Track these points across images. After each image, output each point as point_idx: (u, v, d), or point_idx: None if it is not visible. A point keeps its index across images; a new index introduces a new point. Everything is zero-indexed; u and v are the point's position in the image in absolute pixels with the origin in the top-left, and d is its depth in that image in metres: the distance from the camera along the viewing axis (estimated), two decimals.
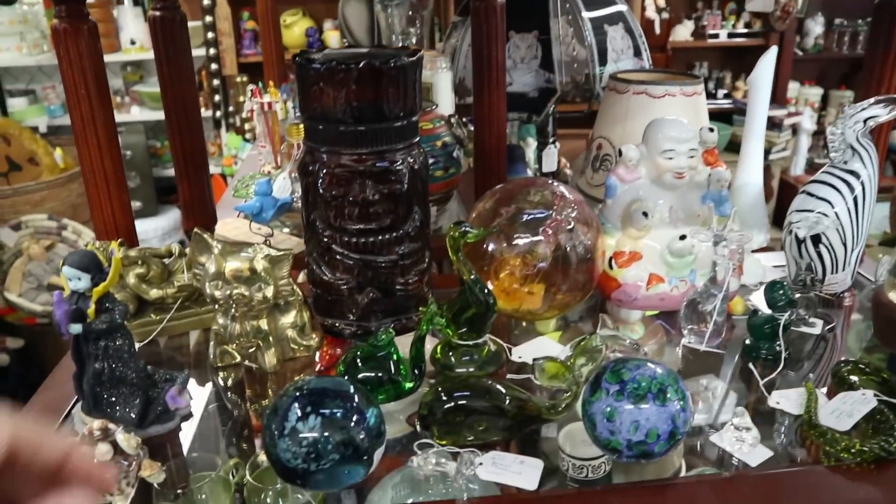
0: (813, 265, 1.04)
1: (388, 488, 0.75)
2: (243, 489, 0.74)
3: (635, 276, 1.00)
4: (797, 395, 0.86)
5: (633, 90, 1.30)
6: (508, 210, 0.94)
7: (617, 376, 0.71)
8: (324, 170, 0.88)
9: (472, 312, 0.87)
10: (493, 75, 1.13)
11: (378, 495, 0.74)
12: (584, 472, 0.75)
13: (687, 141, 1.00)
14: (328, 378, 0.73)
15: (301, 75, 0.85)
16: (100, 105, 1.00)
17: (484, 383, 0.78)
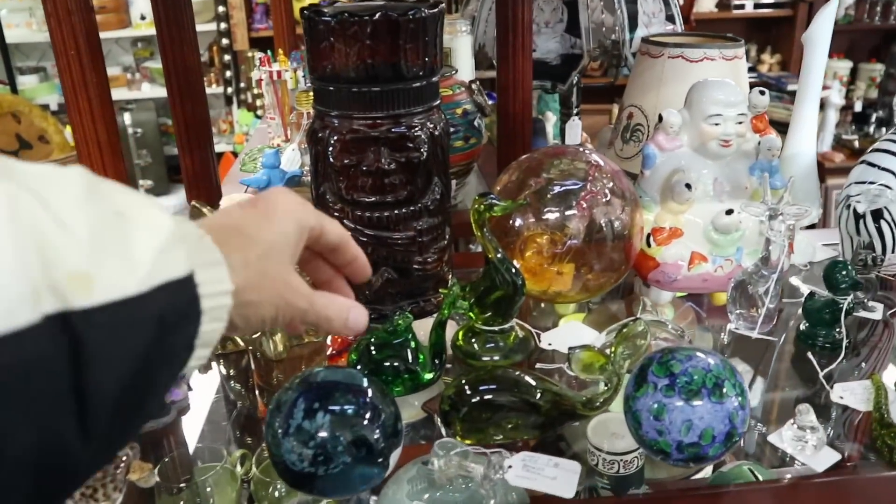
0: (873, 243, 0.94)
1: (403, 482, 0.68)
2: (250, 482, 0.69)
3: (676, 254, 0.91)
4: (863, 388, 0.77)
5: (668, 54, 1.21)
6: (538, 181, 0.85)
7: (666, 368, 0.63)
8: (334, 136, 0.79)
9: (498, 295, 0.78)
10: (518, 36, 1.04)
11: (392, 489, 0.67)
12: (616, 468, 0.67)
13: (735, 105, 0.90)
14: (338, 369, 0.65)
15: (310, 31, 0.77)
16: (92, 67, 0.92)
17: (513, 375, 0.69)
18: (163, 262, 0.37)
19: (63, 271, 0.33)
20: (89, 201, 0.36)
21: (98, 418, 0.34)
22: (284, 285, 0.47)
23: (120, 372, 0.35)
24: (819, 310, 0.84)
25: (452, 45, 1.34)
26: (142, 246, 0.37)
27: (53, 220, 0.34)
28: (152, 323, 0.36)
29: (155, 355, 0.37)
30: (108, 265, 0.35)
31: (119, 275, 0.35)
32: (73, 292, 0.33)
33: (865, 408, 0.74)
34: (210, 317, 0.40)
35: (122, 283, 0.35)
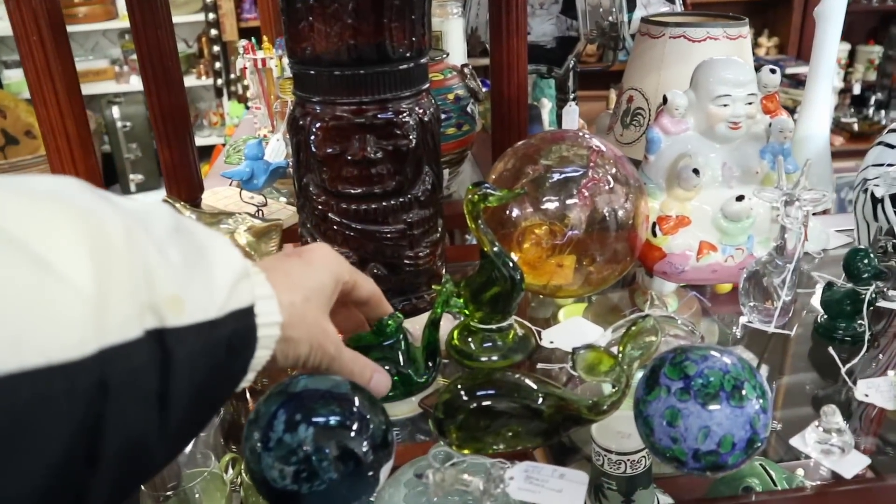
0: (893, 228, 0.89)
1: (400, 485, 0.63)
2: (240, 487, 0.67)
3: (683, 244, 0.86)
4: (888, 385, 0.71)
5: (669, 34, 1.15)
6: (536, 168, 0.80)
7: (679, 370, 0.57)
8: (316, 124, 0.73)
9: (494, 291, 0.73)
10: (512, 16, 0.98)
11: (389, 493, 0.62)
12: (623, 468, 0.62)
13: (745, 85, 0.84)
14: (322, 377, 0.59)
15: (287, 10, 0.71)
16: (57, 55, 0.86)
17: (512, 378, 0.64)
18: (235, 293, 0.44)
19: (162, 294, 0.38)
20: (178, 234, 0.42)
21: (174, 421, 0.39)
22: (321, 330, 0.53)
23: (196, 384, 0.41)
24: (839, 301, 0.79)
25: (443, 28, 1.28)
26: (220, 277, 0.43)
27: (156, 248, 0.39)
28: (224, 345, 0.42)
29: (222, 373, 0.44)
30: (196, 291, 0.41)
31: (204, 300, 0.41)
32: (169, 313, 0.38)
33: (893, 406, 0.69)
34: (262, 344, 0.46)
35: (206, 307, 0.41)
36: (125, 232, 0.37)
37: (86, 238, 0.35)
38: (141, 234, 0.38)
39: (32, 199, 0.35)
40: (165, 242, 0.40)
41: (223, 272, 0.43)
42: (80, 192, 0.38)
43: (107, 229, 0.36)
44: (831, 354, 0.76)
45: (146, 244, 0.38)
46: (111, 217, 0.37)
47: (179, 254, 0.41)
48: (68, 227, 0.35)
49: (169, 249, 0.40)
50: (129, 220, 0.38)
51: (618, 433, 0.63)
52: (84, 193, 0.38)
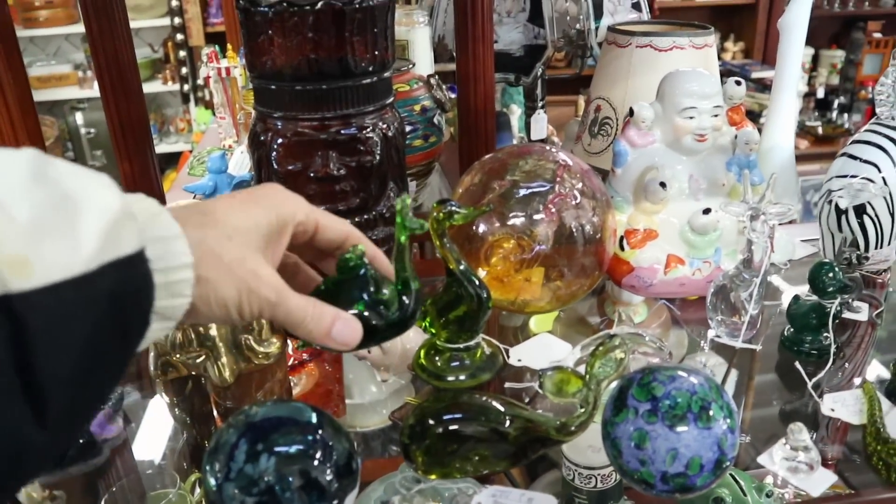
0: (856, 239, 0.89)
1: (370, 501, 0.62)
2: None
3: (651, 257, 0.86)
4: (854, 398, 0.72)
5: (635, 43, 1.15)
6: (502, 184, 0.79)
7: (647, 391, 0.57)
8: (278, 139, 0.72)
9: (461, 309, 0.72)
10: (477, 24, 0.97)
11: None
12: (593, 482, 0.63)
13: (710, 97, 0.84)
14: (283, 404, 0.57)
15: (246, 23, 0.69)
16: (8, 66, 0.83)
17: (479, 401, 0.63)
18: (110, 241, 0.38)
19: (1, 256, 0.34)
20: (35, 185, 0.37)
21: (52, 399, 0.35)
22: (248, 272, 0.46)
23: (69, 349, 0.36)
24: (805, 314, 0.79)
25: (410, 37, 1.27)
26: (88, 227, 0.37)
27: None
28: (103, 300, 0.37)
29: (107, 331, 0.38)
30: (48, 248, 0.36)
31: (61, 256, 0.36)
32: (12, 276, 0.34)
33: (859, 421, 0.69)
34: (168, 291, 0.41)
35: (65, 264, 0.36)
36: None
37: None
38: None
39: None
40: (13, 197, 0.35)
41: (92, 221, 0.38)
42: None
43: None
44: (798, 368, 0.77)
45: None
46: None
47: (31, 208, 0.36)
48: None
49: (16, 205, 0.35)
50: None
51: (588, 447, 0.63)
52: None
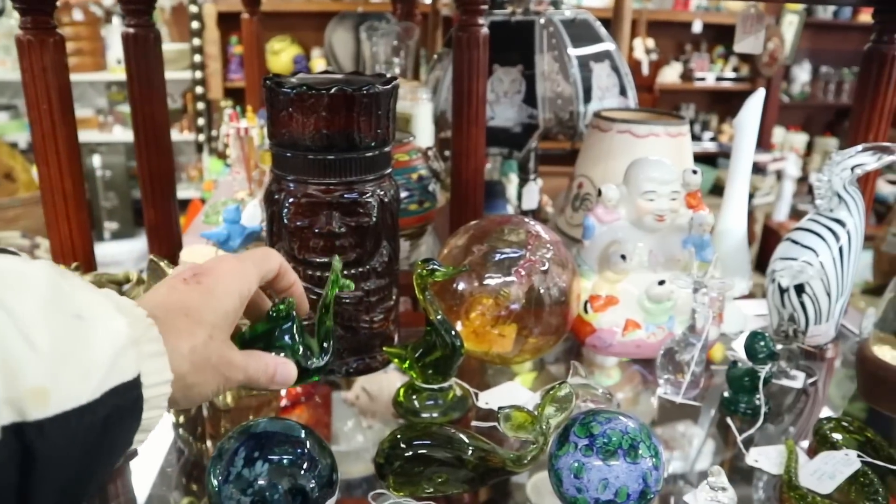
0: (796, 315, 1.00)
1: None
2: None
3: (611, 321, 0.97)
4: (777, 452, 0.82)
5: (616, 129, 1.28)
6: (481, 248, 0.91)
7: (586, 429, 0.67)
8: (290, 199, 0.84)
9: (437, 355, 0.83)
10: (472, 108, 1.10)
11: None
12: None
13: (669, 182, 0.97)
14: (279, 421, 0.68)
15: (270, 99, 0.82)
16: (62, 122, 0.96)
17: (446, 431, 0.73)
18: (115, 369, 0.40)
19: (24, 386, 0.35)
20: (52, 306, 0.38)
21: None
22: (226, 364, 0.51)
23: (63, 474, 0.38)
24: (740, 378, 0.89)
25: (413, 112, 1.40)
26: (98, 354, 0.39)
27: (19, 333, 0.36)
28: (99, 425, 0.39)
29: (97, 452, 0.40)
30: (64, 378, 0.37)
31: (74, 386, 0.38)
32: (31, 406, 0.35)
33: (777, 471, 0.79)
34: (150, 405, 0.43)
35: (76, 393, 0.38)
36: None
37: None
38: (4, 320, 0.36)
39: None
40: (35, 322, 0.37)
41: (102, 347, 0.40)
42: None
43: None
44: (729, 424, 0.87)
45: (9, 331, 0.36)
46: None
47: (50, 335, 0.37)
48: None
49: (37, 332, 0.37)
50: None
51: (549, 493, 0.71)
52: None
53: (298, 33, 3.99)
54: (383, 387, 0.97)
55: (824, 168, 0.98)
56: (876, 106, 1.07)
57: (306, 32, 3.96)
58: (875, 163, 0.95)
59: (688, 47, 4.52)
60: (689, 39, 4.50)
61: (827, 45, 4.67)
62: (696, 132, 4.50)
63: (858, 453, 0.78)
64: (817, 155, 4.69)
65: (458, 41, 1.09)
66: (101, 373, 0.39)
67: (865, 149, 0.96)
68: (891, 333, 0.92)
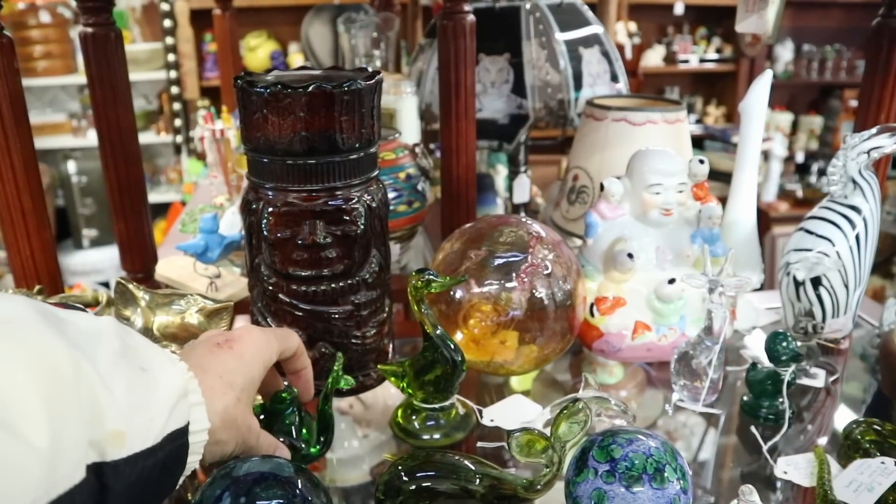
0: (813, 310, 0.94)
1: None
2: None
3: (619, 324, 0.90)
4: (806, 461, 0.76)
5: (611, 117, 1.21)
6: (478, 253, 0.84)
7: (606, 453, 0.61)
8: (269, 208, 0.77)
9: (436, 372, 0.76)
10: (461, 100, 1.03)
11: None
12: None
13: (675, 174, 0.90)
14: (265, 460, 0.61)
15: (243, 100, 0.74)
16: (16, 132, 0.88)
17: (451, 459, 0.66)
18: (172, 416, 0.46)
19: (106, 429, 0.40)
20: (123, 359, 0.44)
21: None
22: (247, 429, 0.58)
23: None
24: (762, 381, 0.83)
25: (397, 107, 1.33)
26: (160, 403, 0.45)
27: (102, 382, 0.40)
28: (158, 468, 0.45)
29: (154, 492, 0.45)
30: (137, 423, 0.42)
31: (144, 430, 0.43)
32: (110, 448, 0.40)
33: (809, 483, 0.73)
34: (193, 450, 0.50)
35: (145, 437, 0.43)
36: (74, 369, 0.39)
37: (40, 383, 0.36)
38: (88, 369, 0.40)
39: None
40: (111, 372, 0.41)
41: (164, 395, 0.46)
42: (33, 322, 0.39)
43: (59, 369, 0.38)
44: (754, 432, 0.81)
45: (93, 379, 0.40)
46: (61, 353, 0.38)
47: (124, 384, 0.42)
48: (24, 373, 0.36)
49: (114, 380, 0.41)
50: (76, 355, 0.39)
51: None
52: (36, 322, 0.39)
53: (275, 28, 3.89)
54: (378, 395, 0.92)
55: (838, 153, 0.92)
56: (887, 84, 1.01)
57: (283, 27, 3.86)
58: (892, 145, 0.89)
59: (670, 29, 4.46)
60: (672, 21, 4.44)
61: (809, 23, 4.63)
62: None
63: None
64: (802, 134, 4.66)
65: (443, 30, 1.02)
66: (163, 419, 0.45)
67: (881, 130, 0.90)
68: None
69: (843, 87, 4.48)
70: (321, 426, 0.72)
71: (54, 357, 0.38)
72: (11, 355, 0.36)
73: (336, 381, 0.71)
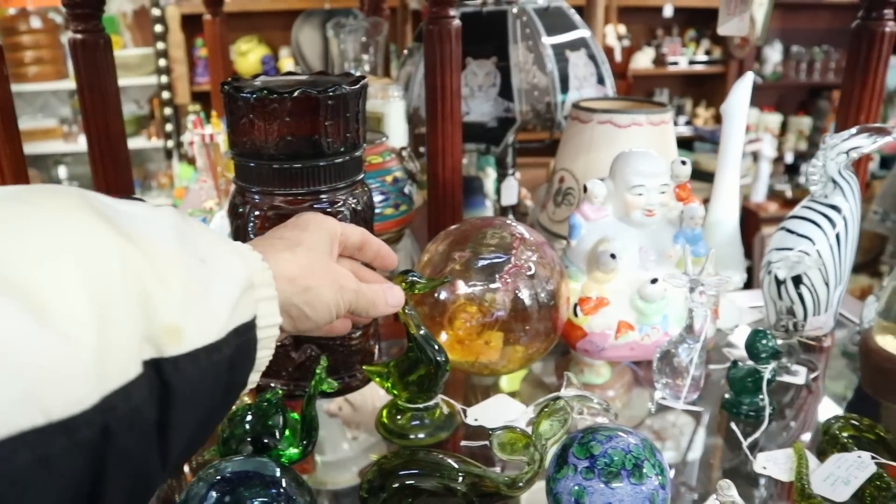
0: (794, 308, 0.96)
1: None
2: None
3: (603, 323, 0.91)
4: (785, 457, 0.77)
5: (597, 119, 1.23)
6: (463, 255, 0.85)
7: (586, 450, 0.62)
8: (255, 212, 0.78)
9: (420, 372, 0.77)
10: (446, 104, 1.04)
11: None
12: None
13: (658, 175, 0.92)
14: (250, 459, 0.62)
15: (229, 105, 0.75)
16: (4, 137, 0.89)
17: (434, 458, 0.68)
18: (236, 310, 0.44)
19: (160, 323, 0.38)
20: (180, 249, 0.41)
21: (175, 449, 0.39)
22: (334, 272, 0.57)
23: (197, 410, 0.41)
24: (742, 378, 0.84)
25: (385, 111, 1.34)
26: (222, 297, 0.43)
27: (154, 273, 0.38)
28: (224, 365, 0.42)
29: (223, 390, 0.43)
30: (195, 317, 0.40)
31: (203, 325, 0.41)
32: (167, 343, 0.38)
33: (788, 478, 0.74)
34: (263, 345, 0.47)
35: (205, 332, 0.41)
36: (122, 260, 0.36)
37: (84, 275, 0.34)
38: (139, 262, 0.37)
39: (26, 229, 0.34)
40: (166, 263, 0.39)
41: (226, 290, 0.43)
42: (78, 210, 0.37)
43: (106, 260, 0.36)
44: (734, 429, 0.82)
45: (145, 272, 0.37)
46: (109, 243, 0.37)
47: (180, 275, 0.40)
48: (66, 264, 0.34)
49: (169, 272, 0.39)
50: (126, 246, 0.37)
51: None
52: (82, 211, 0.37)
53: (266, 33, 3.90)
54: (366, 396, 0.93)
55: (818, 153, 0.94)
56: (867, 85, 1.03)
57: (274, 32, 3.88)
58: (871, 145, 0.91)
59: (659, 32, 4.49)
60: (661, 24, 4.47)
61: (797, 25, 4.66)
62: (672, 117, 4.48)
63: (872, 455, 0.74)
64: (791, 135, 4.69)
65: (428, 35, 1.03)
66: (225, 314, 0.43)
67: (860, 131, 0.92)
68: (895, 322, 0.88)
69: (832, 87, 4.51)
70: (305, 428, 0.73)
71: (100, 247, 0.36)
72: (56, 248, 0.34)
73: (319, 383, 0.72)
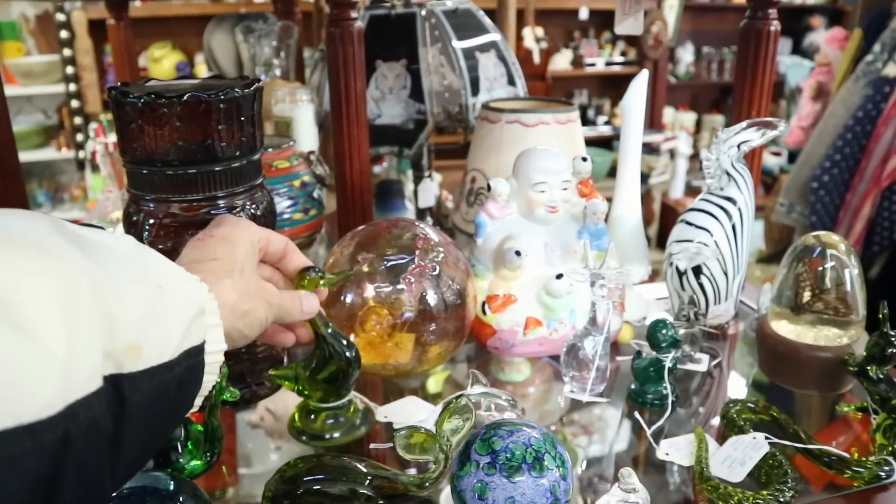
0: (695, 298, 0.99)
1: None
2: None
3: (511, 320, 0.92)
4: (687, 442, 0.79)
5: (505, 119, 1.24)
6: (367, 256, 0.85)
7: (487, 445, 0.62)
8: (150, 220, 0.76)
9: (332, 368, 0.76)
10: (351, 106, 1.04)
11: None
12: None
13: (559, 172, 0.93)
14: (144, 474, 0.60)
15: (117, 111, 0.73)
16: None
17: (340, 462, 0.67)
18: (188, 333, 0.47)
19: (122, 342, 0.41)
20: (140, 274, 0.45)
21: (125, 461, 0.42)
22: (262, 290, 0.60)
23: (148, 427, 0.43)
24: (645, 368, 0.86)
25: (293, 115, 1.32)
26: (176, 319, 0.46)
27: (119, 295, 0.41)
28: (175, 383, 0.45)
29: (173, 407, 0.47)
30: (153, 336, 0.43)
31: (160, 345, 0.44)
32: (127, 360, 0.41)
33: (689, 462, 0.76)
34: (209, 370, 0.50)
35: (161, 351, 0.44)
36: (90, 282, 0.39)
37: (57, 294, 0.37)
38: (104, 283, 0.40)
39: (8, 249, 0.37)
40: (127, 286, 0.42)
41: (180, 313, 0.47)
42: (50, 235, 0.40)
43: (76, 281, 0.39)
44: (637, 418, 0.84)
45: (110, 292, 0.40)
46: (79, 266, 0.39)
47: (140, 298, 0.43)
48: (42, 283, 0.37)
49: (130, 295, 0.42)
50: (93, 268, 0.40)
51: None
52: (53, 236, 0.40)
53: (180, 38, 3.81)
54: (288, 405, 0.91)
55: (711, 147, 0.97)
56: (756, 82, 1.07)
57: (188, 37, 3.79)
58: (760, 138, 0.95)
59: (576, 34, 4.58)
60: (577, 26, 4.56)
61: (707, 26, 4.83)
62: (591, 117, 4.57)
63: (766, 435, 0.76)
64: (706, 132, 4.85)
65: (330, 37, 1.03)
66: (179, 335, 0.46)
67: (749, 125, 0.96)
68: (787, 308, 0.92)
69: None
70: (208, 439, 0.71)
71: (71, 269, 0.39)
72: (29, 265, 0.37)
73: (220, 392, 0.70)
